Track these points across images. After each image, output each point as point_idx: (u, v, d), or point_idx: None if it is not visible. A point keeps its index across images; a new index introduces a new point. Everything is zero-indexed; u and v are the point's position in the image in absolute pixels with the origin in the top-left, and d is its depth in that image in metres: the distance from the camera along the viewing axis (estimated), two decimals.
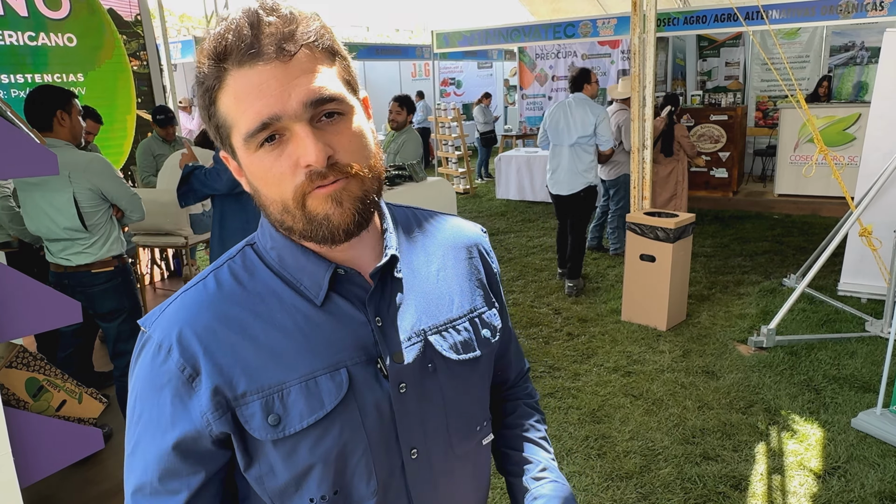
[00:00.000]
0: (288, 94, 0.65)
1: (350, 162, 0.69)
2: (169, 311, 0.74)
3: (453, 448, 0.83)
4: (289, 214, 0.70)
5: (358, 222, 0.71)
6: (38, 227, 2.67)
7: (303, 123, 0.66)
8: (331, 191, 0.68)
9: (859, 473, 2.74)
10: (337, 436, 0.73)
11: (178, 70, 10.67)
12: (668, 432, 3.12)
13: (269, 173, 0.69)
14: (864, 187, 4.42)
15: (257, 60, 0.65)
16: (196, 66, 0.70)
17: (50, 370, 2.32)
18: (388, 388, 0.76)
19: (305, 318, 0.74)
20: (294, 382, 0.72)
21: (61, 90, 2.73)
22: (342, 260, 0.76)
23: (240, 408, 0.71)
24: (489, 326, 0.87)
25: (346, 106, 0.70)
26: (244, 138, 0.68)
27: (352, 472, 0.75)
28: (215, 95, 0.69)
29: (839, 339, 4.05)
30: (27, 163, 1.83)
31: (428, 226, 0.88)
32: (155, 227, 4.25)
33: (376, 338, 0.76)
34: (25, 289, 1.84)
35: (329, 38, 0.70)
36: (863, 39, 8.95)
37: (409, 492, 0.80)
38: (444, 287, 0.84)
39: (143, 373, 0.74)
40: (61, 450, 2.00)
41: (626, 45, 10.37)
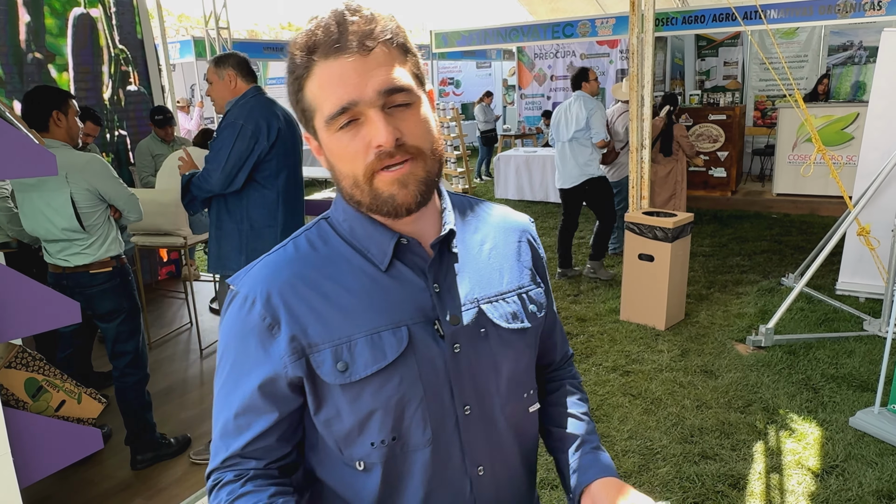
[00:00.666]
0: (365, 83, 0.76)
1: (416, 144, 0.79)
2: (254, 271, 0.85)
3: (503, 409, 0.90)
4: (358, 189, 0.80)
5: (419, 201, 0.81)
6: (35, 227, 2.66)
7: (376, 109, 0.76)
8: (398, 174, 0.78)
9: (857, 472, 2.75)
10: (396, 385, 0.82)
11: (176, 70, 10.66)
12: (667, 431, 3.13)
13: (345, 151, 0.79)
14: (862, 187, 4.42)
15: (341, 54, 0.76)
16: (288, 57, 0.81)
17: (49, 370, 2.32)
18: (444, 347, 0.84)
19: (372, 280, 0.84)
20: (360, 335, 0.82)
21: (58, 91, 2.73)
22: (406, 232, 0.86)
23: (313, 355, 0.82)
24: (536, 303, 0.96)
25: (415, 97, 0.79)
26: (326, 120, 0.78)
27: (409, 420, 0.84)
28: (303, 83, 0.80)
29: (837, 339, 4.06)
30: (26, 163, 1.83)
31: (480, 210, 0.98)
32: (154, 228, 4.25)
33: (434, 302, 0.85)
34: (24, 289, 1.84)
35: (402, 37, 0.80)
36: (861, 39, 8.96)
37: (463, 446, 0.87)
38: (495, 264, 0.93)
39: (231, 323, 0.85)
40: (60, 450, 2.00)
41: (624, 44, 10.38)
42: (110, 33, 5.28)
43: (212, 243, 2.90)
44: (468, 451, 0.87)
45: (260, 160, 2.77)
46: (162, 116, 5.19)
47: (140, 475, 2.93)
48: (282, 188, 2.87)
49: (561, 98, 11.63)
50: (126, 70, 5.47)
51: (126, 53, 5.46)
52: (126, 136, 5.53)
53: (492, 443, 0.90)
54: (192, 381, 3.90)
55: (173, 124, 5.32)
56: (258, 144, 2.73)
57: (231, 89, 2.81)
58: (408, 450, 0.85)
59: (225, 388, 0.86)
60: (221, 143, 2.71)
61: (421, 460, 0.85)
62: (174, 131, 5.36)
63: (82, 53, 5.06)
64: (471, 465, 0.88)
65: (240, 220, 2.83)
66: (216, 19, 8.75)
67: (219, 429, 0.87)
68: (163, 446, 3.01)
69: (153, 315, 5.07)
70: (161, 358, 4.25)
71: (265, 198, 2.84)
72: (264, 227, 2.85)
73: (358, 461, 0.85)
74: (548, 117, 11.05)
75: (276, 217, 2.87)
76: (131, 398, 2.89)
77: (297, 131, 3.04)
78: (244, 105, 2.78)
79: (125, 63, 5.46)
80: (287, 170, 2.88)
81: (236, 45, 9.48)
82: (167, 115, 5.21)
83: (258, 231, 2.84)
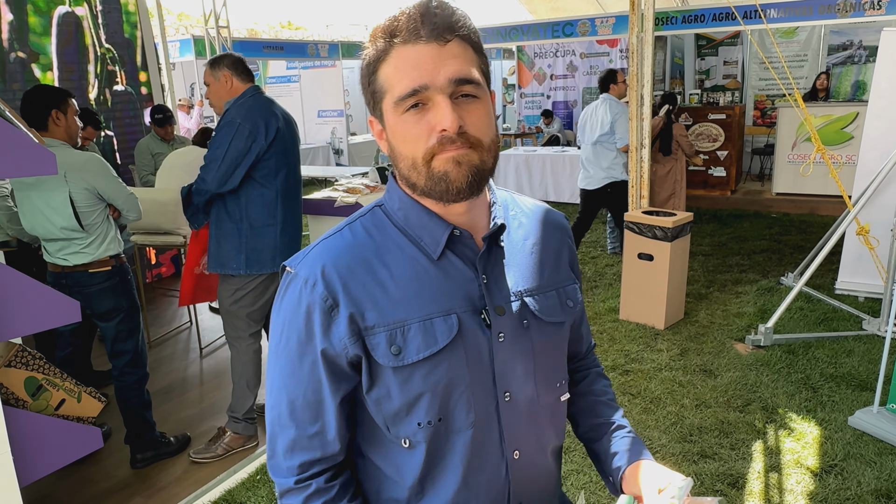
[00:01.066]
0: (438, 70, 0.80)
1: (476, 135, 0.83)
2: (312, 253, 0.89)
3: (539, 397, 0.95)
4: (415, 171, 0.84)
5: (470, 184, 0.83)
6: (34, 226, 2.66)
7: (444, 96, 0.80)
8: (454, 153, 0.82)
9: (856, 471, 2.75)
10: (445, 370, 0.86)
11: (176, 69, 10.65)
12: (666, 430, 3.13)
13: (409, 133, 0.83)
14: (862, 186, 4.43)
15: (419, 40, 0.81)
16: (367, 42, 0.86)
17: (49, 369, 2.32)
18: (490, 335, 0.89)
19: (424, 269, 0.88)
20: (414, 321, 0.86)
21: (57, 90, 2.72)
22: (458, 223, 0.89)
23: (368, 337, 0.85)
24: (571, 298, 1.01)
25: (481, 91, 0.84)
26: (395, 101, 0.82)
27: (454, 403, 0.88)
28: (379, 66, 0.84)
29: (836, 338, 4.07)
30: (25, 162, 1.83)
31: (523, 206, 1.03)
32: (154, 227, 4.25)
33: (482, 292, 0.89)
34: (24, 288, 1.84)
35: (477, 37, 0.86)
36: (860, 38, 8.96)
37: (502, 430, 0.92)
38: (537, 259, 0.98)
39: (291, 303, 0.88)
40: (60, 449, 2.00)
41: (624, 44, 10.38)
42: (96, 32, 5.23)
43: (211, 242, 2.90)
44: (506, 435, 0.92)
45: (258, 159, 2.77)
46: (162, 115, 5.19)
47: (140, 474, 2.93)
48: (280, 187, 2.87)
49: (561, 97, 11.63)
50: (113, 69, 5.42)
51: (113, 52, 5.40)
52: (113, 137, 5.48)
53: (527, 428, 0.94)
54: (192, 380, 3.91)
55: (173, 123, 5.32)
56: (256, 143, 2.73)
57: (228, 90, 2.81)
58: (451, 431, 0.89)
59: (287, 369, 0.89)
60: (218, 141, 2.72)
61: (462, 441, 0.90)
62: (174, 130, 5.36)
63: (67, 52, 5.01)
64: (508, 449, 0.92)
65: (239, 219, 2.83)
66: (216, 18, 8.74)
67: (284, 409, 0.90)
68: (162, 445, 3.02)
69: (153, 314, 5.07)
70: (161, 357, 4.25)
71: (264, 197, 2.84)
72: (263, 225, 2.85)
73: (404, 439, 0.89)
74: (548, 116, 11.05)
75: (275, 216, 2.87)
76: (131, 397, 2.89)
77: (296, 130, 3.04)
78: (242, 104, 2.78)
79: (112, 62, 5.40)
80: (286, 169, 2.88)
81: (236, 43, 9.48)
82: (167, 114, 5.21)
83: (257, 230, 2.84)
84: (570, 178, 8.69)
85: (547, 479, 1.01)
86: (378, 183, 4.30)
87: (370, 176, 4.47)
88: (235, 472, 2.91)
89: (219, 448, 3.01)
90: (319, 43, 11.70)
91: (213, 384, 3.83)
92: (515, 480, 0.94)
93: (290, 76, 13.45)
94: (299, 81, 13.18)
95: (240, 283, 2.91)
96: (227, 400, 3.16)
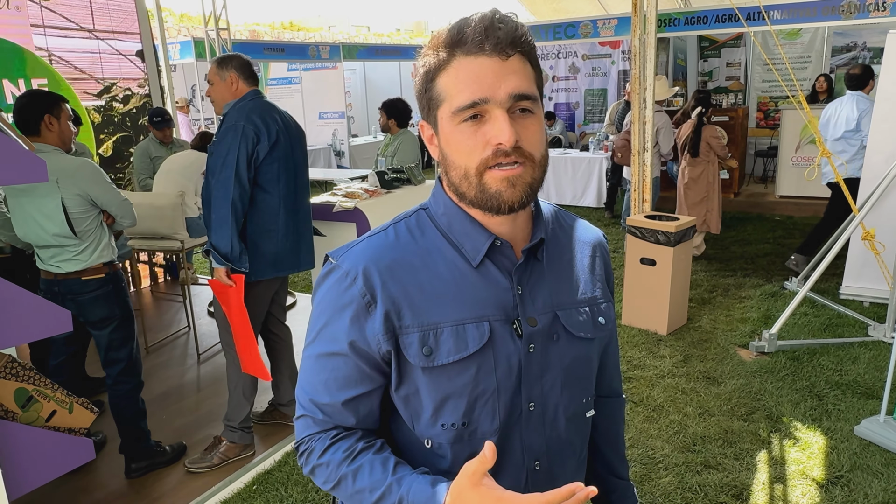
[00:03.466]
0: (499, 85, 0.81)
1: (530, 150, 0.84)
2: (356, 249, 0.92)
3: (564, 411, 0.96)
4: (466, 181, 0.86)
5: (522, 202, 0.85)
6: (27, 233, 2.62)
7: (502, 110, 0.82)
8: (509, 173, 0.83)
9: (862, 483, 2.70)
10: (473, 375, 0.88)
11: (176, 71, 10.63)
12: (669, 440, 3.08)
13: (464, 144, 0.84)
14: (867, 190, 4.37)
15: (482, 53, 0.82)
16: (427, 49, 0.87)
17: (39, 380, 2.28)
18: (520, 345, 0.90)
19: (462, 274, 0.90)
20: (447, 324, 0.88)
21: (50, 94, 2.68)
22: (499, 233, 0.91)
23: (402, 336, 0.88)
24: (604, 315, 1.01)
25: (537, 107, 0.85)
26: (454, 111, 0.83)
27: (480, 409, 0.90)
28: (438, 73, 0.85)
29: (842, 344, 4.01)
30: (15, 169, 1.79)
31: (562, 220, 1.04)
32: (151, 231, 4.21)
33: (516, 302, 0.91)
34: (13, 298, 1.80)
35: (535, 53, 0.87)
36: (864, 40, 8.90)
37: (523, 439, 0.93)
38: (572, 275, 0.99)
39: (331, 294, 0.91)
40: (51, 461, 1.96)
41: (626, 45, 10.32)
42: None
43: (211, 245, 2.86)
44: (528, 444, 0.93)
45: (261, 162, 2.73)
46: (160, 118, 5.14)
47: (134, 484, 2.89)
48: (283, 192, 2.83)
49: (563, 99, 11.57)
50: None
51: None
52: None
53: (549, 440, 0.95)
54: (189, 387, 3.86)
55: (172, 126, 5.27)
56: (260, 144, 2.70)
57: (232, 91, 2.78)
58: (476, 436, 0.91)
59: (319, 358, 0.92)
60: (227, 148, 2.66)
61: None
62: (172, 133, 5.32)
63: None
64: (528, 459, 0.94)
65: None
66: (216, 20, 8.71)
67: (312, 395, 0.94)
68: (157, 454, 2.97)
69: (150, 319, 5.03)
70: (158, 362, 4.21)
71: (266, 202, 2.80)
72: (265, 232, 2.81)
73: (427, 439, 0.92)
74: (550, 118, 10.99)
75: (276, 222, 2.83)
76: (125, 406, 2.85)
77: (301, 135, 2.98)
78: (242, 107, 2.74)
79: None
80: (287, 173, 2.84)
81: (237, 45, 9.44)
82: (165, 117, 5.16)
83: (259, 236, 2.80)
84: (571, 180, 8.65)
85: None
86: (378, 187, 4.26)
87: (370, 180, 4.42)
88: (231, 483, 2.87)
89: (215, 457, 2.97)
90: (321, 44, 11.67)
91: (210, 391, 3.78)
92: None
93: (292, 78, 13.41)
94: (300, 83, 13.15)
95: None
96: (223, 408, 3.12)
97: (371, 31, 25.80)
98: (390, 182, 4.32)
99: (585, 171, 8.52)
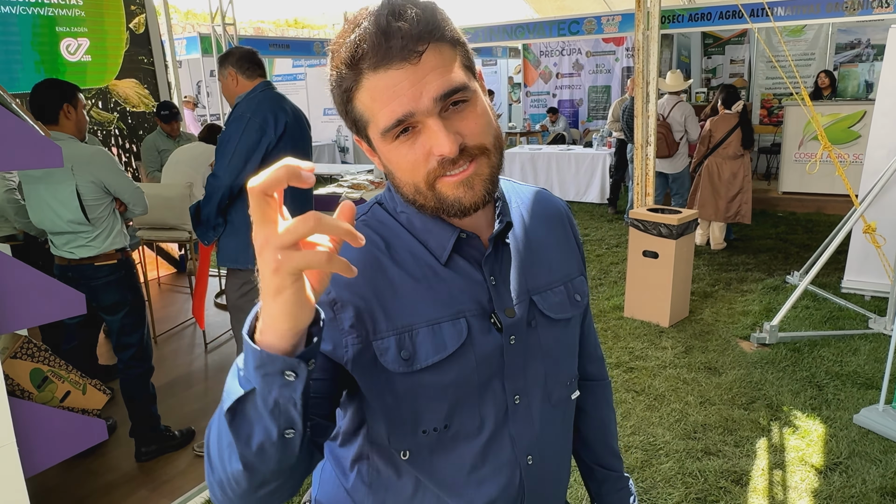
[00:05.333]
0: (419, 93, 0.72)
1: (479, 143, 0.76)
2: None
3: (549, 397, 0.92)
4: (420, 195, 0.78)
5: (486, 199, 0.79)
6: (41, 219, 2.68)
7: (434, 118, 0.73)
8: (462, 177, 0.76)
9: (861, 469, 2.74)
10: (454, 376, 0.82)
11: (182, 66, 10.69)
12: (670, 427, 3.12)
13: (404, 161, 0.76)
14: (869, 185, 4.40)
15: (391, 64, 0.72)
16: (331, 70, 0.78)
17: (54, 361, 2.34)
18: (500, 339, 0.85)
19: (432, 271, 0.83)
20: (422, 325, 0.81)
21: (67, 84, 2.74)
22: (464, 226, 0.85)
23: (377, 341, 0.79)
24: (579, 291, 0.97)
25: (470, 92, 0.76)
26: (381, 133, 0.75)
27: (461, 410, 0.84)
28: (352, 94, 0.76)
29: (842, 336, 4.05)
30: (32, 155, 1.84)
31: (524, 197, 0.97)
32: (159, 222, 4.27)
33: (491, 294, 0.85)
34: (31, 280, 1.85)
35: (449, 29, 0.75)
36: (868, 37, 8.91)
37: (512, 434, 0.88)
38: (543, 254, 0.93)
39: None
40: (65, 440, 2.01)
41: (630, 42, 10.35)
42: None
43: (223, 238, 2.90)
44: (517, 440, 0.88)
45: (268, 153, 2.78)
46: (168, 112, 5.20)
47: (144, 467, 2.95)
48: None
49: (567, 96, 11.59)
50: None
51: None
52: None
53: (538, 432, 0.91)
54: (197, 375, 3.92)
55: (179, 120, 5.34)
56: (265, 136, 2.74)
57: (235, 87, 2.82)
58: (459, 438, 0.85)
59: None
60: (229, 135, 2.72)
61: (472, 449, 0.86)
62: (180, 127, 5.38)
63: None
64: (521, 454, 0.89)
65: (247, 213, 2.83)
66: (222, 16, 8.77)
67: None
68: (167, 438, 3.03)
69: (157, 310, 5.09)
70: (166, 352, 4.27)
71: None
72: None
73: (403, 451, 0.83)
74: (553, 114, 11.02)
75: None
76: (136, 390, 2.91)
77: (306, 126, 3.03)
78: (252, 99, 2.79)
79: None
80: None
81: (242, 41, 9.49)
82: (173, 111, 5.23)
83: None
84: (575, 176, 8.68)
85: (559, 485, 0.98)
86: (382, 178, 4.31)
87: (375, 172, 4.47)
88: None
89: None
90: (326, 41, 11.70)
91: (217, 379, 3.84)
92: (530, 488, 0.90)
93: (297, 74, 13.48)
94: (305, 79, 13.21)
95: (246, 276, 2.92)
96: None
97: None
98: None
99: (589, 167, 8.56)
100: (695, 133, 6.08)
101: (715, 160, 5.99)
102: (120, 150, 5.58)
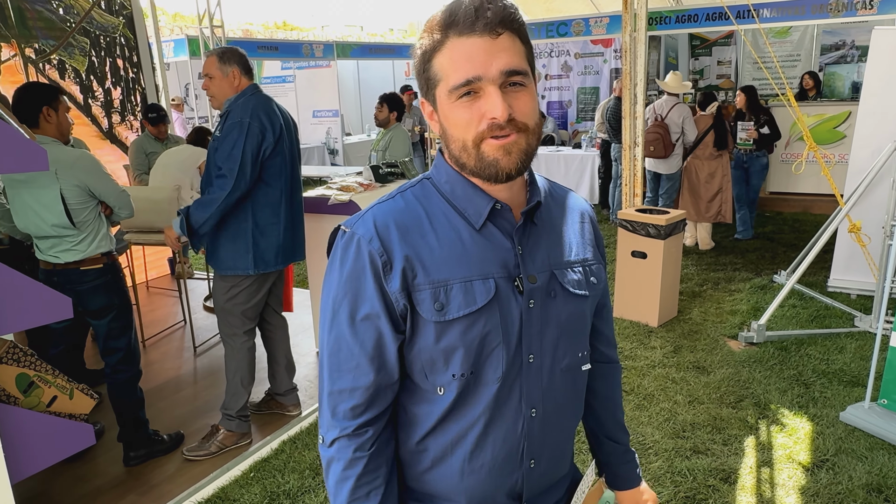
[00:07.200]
0: (490, 62, 0.87)
1: (524, 121, 0.90)
2: (367, 215, 0.97)
3: (560, 363, 1.03)
4: (466, 153, 0.92)
5: (519, 169, 0.92)
6: (26, 224, 2.65)
7: (495, 86, 0.87)
8: (504, 143, 0.89)
9: (847, 466, 2.77)
10: (481, 328, 0.95)
11: (170, 69, 10.63)
12: (659, 426, 3.14)
13: (461, 119, 0.90)
14: (854, 184, 4.45)
15: (473, 33, 0.87)
16: (423, 34, 0.93)
17: (41, 366, 2.32)
18: (521, 301, 0.97)
19: (467, 236, 0.97)
20: (456, 281, 0.94)
21: (48, 87, 2.72)
22: (500, 198, 0.97)
23: (415, 293, 0.94)
24: (596, 275, 1.09)
25: (528, 80, 0.91)
26: (449, 89, 0.89)
27: (485, 359, 0.97)
28: (434, 55, 0.91)
29: (829, 335, 4.09)
30: (16, 158, 1.82)
31: (554, 191, 1.11)
32: (147, 225, 4.24)
33: (518, 261, 0.97)
34: (15, 284, 1.83)
35: (524, 28, 0.92)
36: (853, 38, 9.01)
37: (522, 388, 1.00)
38: (565, 238, 1.06)
39: (349, 259, 0.95)
40: (52, 445, 1.99)
41: (618, 43, 10.39)
42: None
43: (215, 244, 2.88)
44: (526, 393, 1.00)
45: (265, 157, 2.77)
46: (156, 114, 5.18)
47: (133, 472, 2.93)
48: (285, 186, 2.88)
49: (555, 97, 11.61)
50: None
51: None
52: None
53: (546, 390, 1.02)
54: (186, 379, 3.90)
55: (167, 122, 5.31)
56: (265, 140, 2.74)
57: (234, 86, 2.80)
58: (480, 384, 0.97)
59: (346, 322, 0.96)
60: (232, 143, 2.69)
61: (488, 394, 0.98)
62: (167, 129, 5.35)
63: None
64: (526, 406, 1.00)
65: (244, 219, 2.82)
66: (210, 18, 8.74)
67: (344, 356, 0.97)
68: (156, 443, 3.01)
69: (146, 313, 5.06)
70: (155, 355, 4.24)
71: (269, 196, 2.84)
72: (268, 224, 2.86)
73: (439, 387, 0.98)
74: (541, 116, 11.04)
75: (279, 215, 2.88)
76: (123, 395, 2.89)
77: (295, 130, 3.03)
78: (245, 103, 2.77)
79: None
80: (287, 166, 2.89)
81: (230, 43, 9.46)
82: (161, 113, 5.21)
83: (263, 230, 2.85)
84: (564, 177, 8.70)
85: (560, 443, 1.08)
86: (372, 181, 4.30)
87: (364, 174, 4.47)
88: (229, 470, 2.90)
89: (212, 445, 3.01)
90: (314, 43, 11.69)
91: (206, 382, 3.82)
92: (530, 437, 1.02)
93: (285, 76, 13.44)
94: (294, 81, 13.17)
95: (235, 280, 2.91)
96: (220, 398, 3.16)
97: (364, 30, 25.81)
98: (385, 176, 4.36)
99: (578, 167, 8.59)
100: (692, 134, 6.13)
101: (693, 161, 6.07)
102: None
